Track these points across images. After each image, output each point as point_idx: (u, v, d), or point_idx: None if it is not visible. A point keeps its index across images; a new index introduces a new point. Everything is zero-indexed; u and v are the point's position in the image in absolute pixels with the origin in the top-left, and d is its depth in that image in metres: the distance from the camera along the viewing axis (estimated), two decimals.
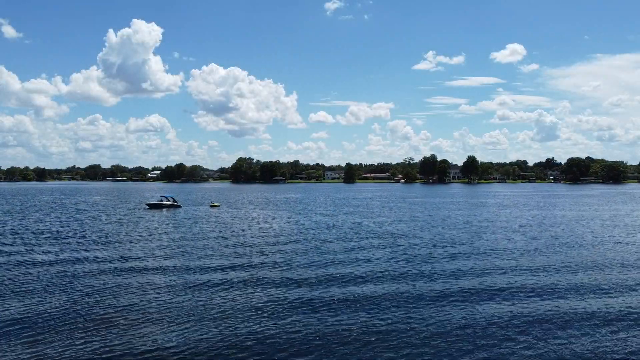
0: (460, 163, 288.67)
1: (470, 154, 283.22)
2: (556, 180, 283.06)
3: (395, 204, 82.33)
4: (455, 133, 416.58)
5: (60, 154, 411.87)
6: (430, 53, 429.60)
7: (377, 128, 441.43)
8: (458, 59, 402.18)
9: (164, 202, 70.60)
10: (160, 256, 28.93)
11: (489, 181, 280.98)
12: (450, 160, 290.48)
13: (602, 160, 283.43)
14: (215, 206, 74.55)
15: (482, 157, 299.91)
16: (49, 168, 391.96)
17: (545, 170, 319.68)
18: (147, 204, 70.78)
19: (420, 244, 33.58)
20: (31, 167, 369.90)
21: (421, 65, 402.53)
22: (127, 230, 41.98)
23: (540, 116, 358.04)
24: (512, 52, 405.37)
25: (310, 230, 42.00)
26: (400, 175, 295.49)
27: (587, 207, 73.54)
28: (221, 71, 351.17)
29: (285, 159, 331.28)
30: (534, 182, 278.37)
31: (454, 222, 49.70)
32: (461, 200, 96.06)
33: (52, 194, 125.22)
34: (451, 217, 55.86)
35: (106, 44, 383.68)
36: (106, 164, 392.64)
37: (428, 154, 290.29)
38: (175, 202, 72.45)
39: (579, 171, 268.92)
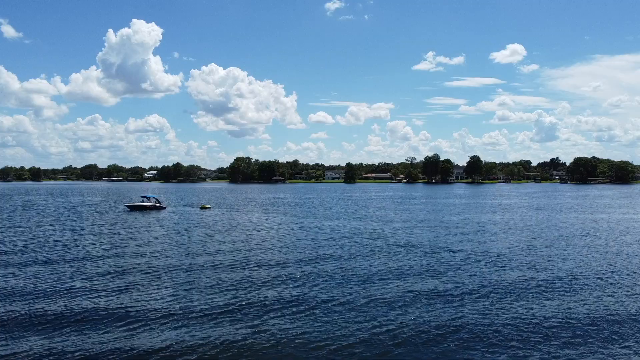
0: (459, 163, 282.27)
1: (469, 154, 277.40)
2: (562, 180, 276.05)
3: (409, 205, 74.87)
4: (455, 134, 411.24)
5: (59, 154, 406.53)
6: (430, 53, 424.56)
7: (376, 128, 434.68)
8: (458, 60, 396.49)
9: (145, 204, 63.39)
10: (120, 281, 21.78)
11: (493, 181, 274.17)
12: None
13: (608, 160, 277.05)
14: (206, 208, 67.43)
15: (481, 158, 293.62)
16: (48, 168, 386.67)
17: (551, 170, 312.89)
18: (127, 206, 63.60)
19: (473, 264, 26.01)
20: (31, 168, 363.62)
21: (421, 66, 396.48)
22: (92, 241, 34.70)
23: (539, 117, 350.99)
24: (512, 53, 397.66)
25: (322, 242, 33.66)
26: (402, 175, 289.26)
27: (624, 209, 66.34)
28: (221, 71, 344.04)
29: (284, 159, 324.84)
30: (540, 182, 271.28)
31: (493, 228, 42.18)
32: (478, 201, 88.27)
33: (37, 194, 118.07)
34: (485, 221, 48.27)
35: (106, 44, 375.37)
36: (105, 165, 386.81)
37: (427, 155, 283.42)
38: (159, 203, 65.28)
39: (586, 171, 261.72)
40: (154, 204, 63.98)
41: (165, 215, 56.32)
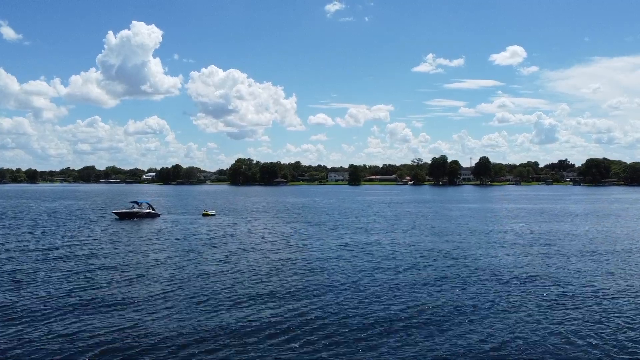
0: (462, 165, 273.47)
1: (469, 156, 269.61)
2: (575, 182, 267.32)
3: (446, 212, 64.77)
4: (455, 135, 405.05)
5: (58, 156, 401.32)
6: (430, 55, 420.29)
7: (376, 130, 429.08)
8: (458, 62, 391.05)
9: (136, 210, 53.83)
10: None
11: (502, 183, 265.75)
12: None
13: (620, 162, 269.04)
14: (209, 215, 57.97)
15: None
16: (45, 170, 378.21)
17: (560, 172, 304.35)
18: (115, 213, 53.99)
19: None
20: (27, 170, 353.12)
21: (421, 68, 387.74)
22: (61, 270, 25.27)
23: (539, 118, 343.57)
24: (512, 54, 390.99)
25: (385, 274, 23.34)
26: (408, 177, 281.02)
27: None
28: (220, 73, 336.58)
29: (284, 161, 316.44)
30: (551, 184, 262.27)
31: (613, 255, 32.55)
32: (519, 206, 78.83)
33: (25, 198, 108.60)
34: (579, 235, 38.86)
35: (105, 46, 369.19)
36: (104, 167, 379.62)
37: (429, 156, 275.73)
38: (152, 209, 55.81)
39: (599, 173, 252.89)
40: (146, 210, 54.54)
41: (160, 225, 46.76)
